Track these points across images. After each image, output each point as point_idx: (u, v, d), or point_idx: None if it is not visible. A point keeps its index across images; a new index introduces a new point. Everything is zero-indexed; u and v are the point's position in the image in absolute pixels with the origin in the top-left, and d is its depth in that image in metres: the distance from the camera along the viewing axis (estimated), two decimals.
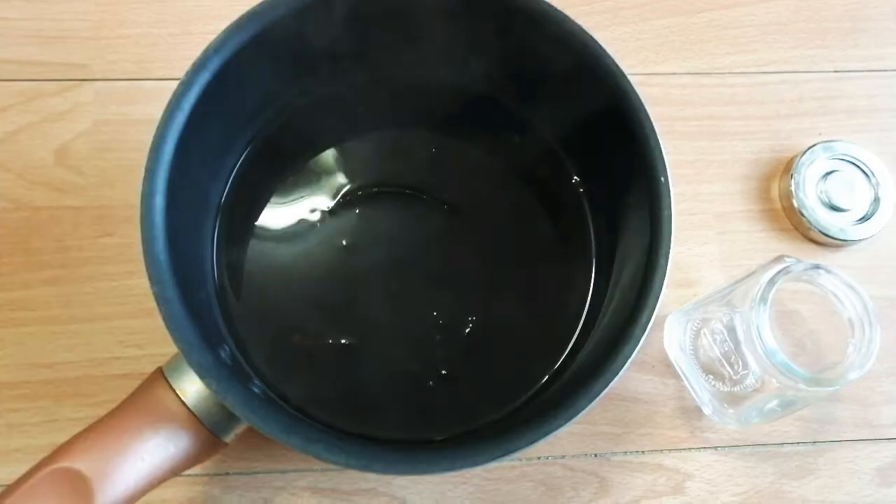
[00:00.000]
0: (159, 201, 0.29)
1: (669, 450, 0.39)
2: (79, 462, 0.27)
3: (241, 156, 0.37)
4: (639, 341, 0.30)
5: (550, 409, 0.29)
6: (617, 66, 0.33)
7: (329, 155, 0.39)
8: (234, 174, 0.37)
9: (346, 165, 0.39)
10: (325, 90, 0.38)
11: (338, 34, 0.35)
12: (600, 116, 0.34)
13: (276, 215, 0.38)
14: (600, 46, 0.33)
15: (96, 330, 0.38)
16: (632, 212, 0.34)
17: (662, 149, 0.32)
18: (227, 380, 0.28)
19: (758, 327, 0.34)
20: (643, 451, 0.39)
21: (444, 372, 0.36)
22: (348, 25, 0.35)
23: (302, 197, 0.38)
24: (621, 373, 0.30)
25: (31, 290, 0.39)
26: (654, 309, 0.30)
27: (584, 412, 0.29)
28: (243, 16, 0.32)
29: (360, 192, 0.38)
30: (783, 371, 0.33)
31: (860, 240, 0.43)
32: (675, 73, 0.45)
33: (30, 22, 0.43)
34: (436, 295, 0.37)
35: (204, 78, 0.31)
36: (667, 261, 0.31)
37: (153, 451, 0.28)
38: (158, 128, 0.30)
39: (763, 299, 0.34)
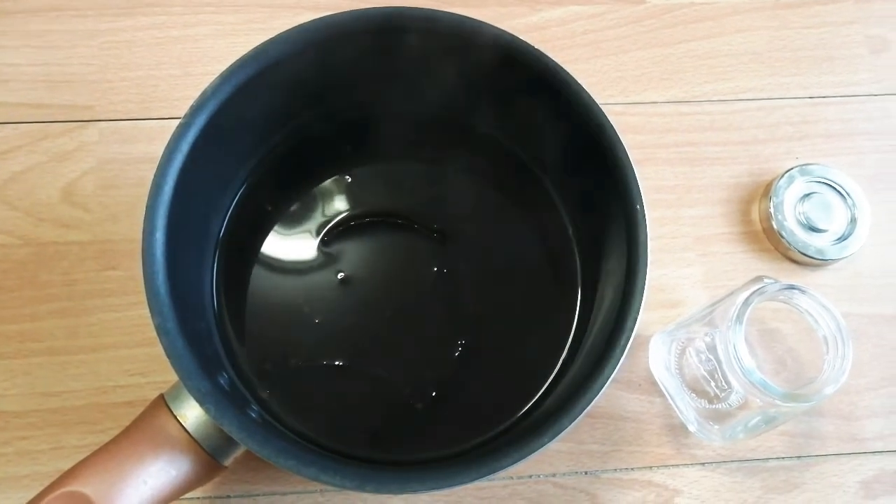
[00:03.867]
0: (160, 237, 0.31)
1: (658, 466, 0.40)
2: (85, 486, 0.29)
3: (238, 191, 0.39)
4: (618, 362, 0.31)
5: (535, 428, 0.30)
6: (593, 100, 0.34)
7: (322, 188, 0.40)
8: (231, 208, 0.38)
9: (338, 197, 0.40)
10: (316, 127, 0.40)
11: (326, 77, 0.37)
12: (580, 148, 0.35)
13: (272, 246, 0.39)
14: (577, 82, 0.34)
15: (101, 359, 0.40)
16: (612, 238, 0.35)
17: (638, 178, 0.33)
18: (225, 405, 0.29)
19: (735, 346, 0.34)
20: (632, 468, 0.40)
21: (434, 394, 0.37)
22: (337, 68, 0.36)
23: (296, 228, 0.39)
24: (602, 392, 0.30)
25: (38, 321, 0.40)
26: (633, 331, 0.31)
27: (566, 431, 0.30)
28: (238, 61, 0.33)
29: (352, 223, 0.39)
30: (760, 388, 0.34)
31: (838, 259, 0.44)
32: (655, 102, 0.47)
33: (38, 67, 0.45)
34: (426, 319, 0.39)
35: (201, 120, 0.32)
36: (644, 285, 0.32)
37: (155, 475, 0.30)
38: (158, 168, 0.31)
39: (739, 319, 0.34)
